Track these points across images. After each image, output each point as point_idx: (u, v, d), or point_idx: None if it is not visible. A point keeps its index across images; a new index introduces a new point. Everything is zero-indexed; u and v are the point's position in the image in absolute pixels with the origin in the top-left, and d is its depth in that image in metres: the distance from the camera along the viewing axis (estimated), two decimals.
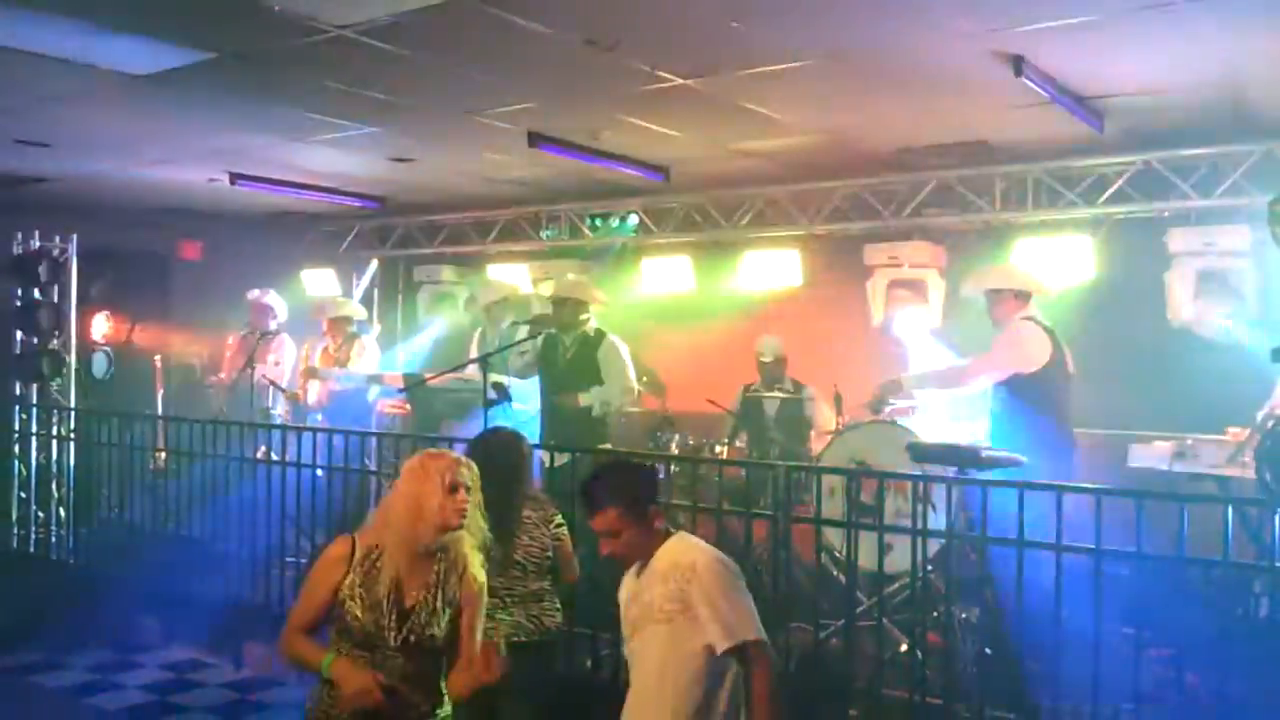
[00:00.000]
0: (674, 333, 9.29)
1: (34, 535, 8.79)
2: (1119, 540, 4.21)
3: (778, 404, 7.78)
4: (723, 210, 9.28)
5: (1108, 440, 6.39)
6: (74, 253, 8.75)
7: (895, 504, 5.31)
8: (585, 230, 10.14)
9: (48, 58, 5.74)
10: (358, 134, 7.42)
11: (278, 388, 8.78)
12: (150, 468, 8.16)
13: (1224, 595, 4.41)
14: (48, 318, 8.66)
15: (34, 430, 8.86)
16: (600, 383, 6.86)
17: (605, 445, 6.69)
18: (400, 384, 8.09)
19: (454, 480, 3.31)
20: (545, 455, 6.45)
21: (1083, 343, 6.29)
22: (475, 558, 3.38)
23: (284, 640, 3.33)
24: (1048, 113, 6.27)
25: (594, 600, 4.74)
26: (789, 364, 7.98)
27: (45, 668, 6.85)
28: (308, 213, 11.06)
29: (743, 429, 7.81)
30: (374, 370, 8.76)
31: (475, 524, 3.37)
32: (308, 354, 9.00)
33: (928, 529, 4.78)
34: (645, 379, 8.15)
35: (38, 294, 8.70)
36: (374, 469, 6.79)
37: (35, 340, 8.69)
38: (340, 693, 3.21)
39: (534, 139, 7.23)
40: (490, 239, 10.67)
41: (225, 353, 9.38)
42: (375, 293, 11.98)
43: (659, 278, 9.53)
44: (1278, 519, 3.88)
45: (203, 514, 7.44)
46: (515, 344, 7.27)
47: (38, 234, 8.75)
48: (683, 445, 7.63)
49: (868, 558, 5.02)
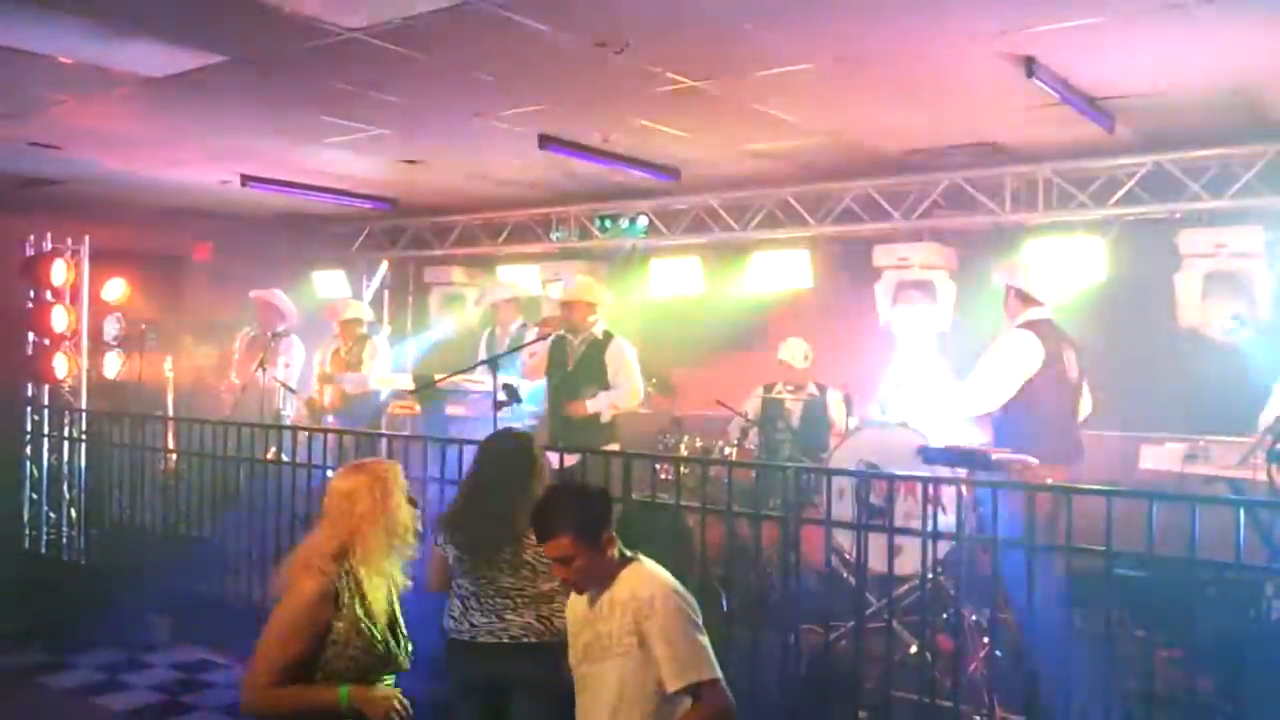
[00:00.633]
0: (683, 334, 9.29)
1: (45, 536, 8.83)
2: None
3: (801, 406, 7.77)
4: (732, 212, 9.27)
5: (1119, 442, 6.37)
6: (86, 254, 8.78)
7: (905, 506, 5.31)
8: (595, 232, 10.15)
9: (61, 61, 5.77)
10: (368, 136, 7.44)
11: (289, 389, 8.81)
12: (161, 469, 8.19)
13: (1235, 597, 4.40)
14: (59, 319, 8.69)
15: (46, 431, 8.89)
16: (606, 385, 6.86)
17: (614, 446, 6.69)
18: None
19: (408, 490, 3.36)
20: (554, 457, 6.45)
21: (1094, 344, 6.26)
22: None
23: (259, 697, 3.08)
24: (1059, 114, 6.25)
25: None
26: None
27: (55, 667, 6.87)
28: (319, 214, 11.09)
29: (761, 430, 7.81)
30: (386, 373, 8.78)
31: None
32: (322, 358, 9.02)
33: (937, 531, 4.77)
34: (654, 380, 8.16)
35: (50, 295, 8.74)
36: None
37: (47, 342, 8.72)
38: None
39: (544, 141, 7.24)
40: (500, 240, 10.68)
41: (234, 354, 9.41)
42: (386, 294, 12.00)
43: (669, 279, 9.53)
44: None
45: (213, 515, 7.46)
46: (523, 345, 7.29)
47: (50, 236, 8.79)
48: (691, 446, 7.62)
49: (878, 560, 5.01)
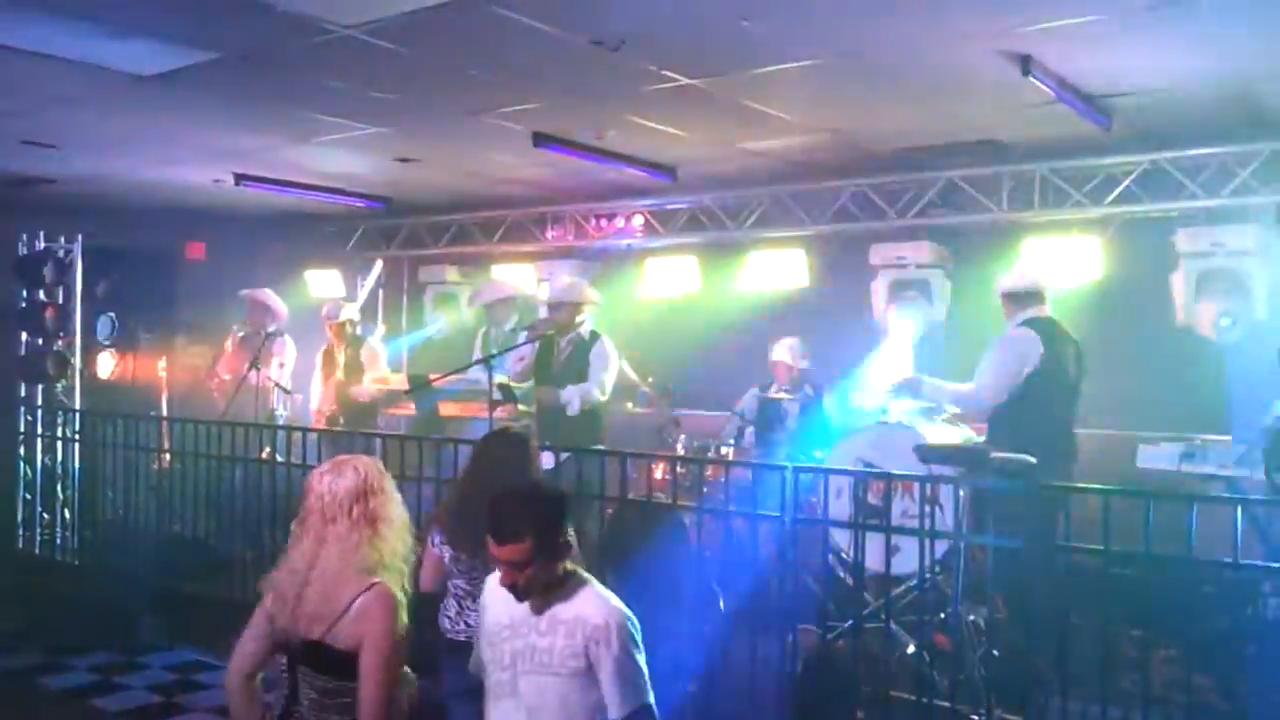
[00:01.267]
0: (680, 333, 9.27)
1: (39, 536, 8.81)
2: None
3: (797, 406, 7.76)
4: (729, 210, 9.25)
5: (1116, 440, 6.36)
6: (79, 253, 8.76)
7: (903, 505, 5.30)
8: (590, 231, 10.13)
9: (55, 59, 5.73)
10: (363, 134, 7.41)
11: (283, 389, 8.78)
12: (155, 469, 8.17)
13: (1233, 596, 4.39)
14: (52, 319, 8.67)
15: (39, 432, 8.87)
16: (582, 382, 6.85)
17: (599, 446, 6.60)
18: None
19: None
20: (549, 457, 6.42)
21: (1090, 343, 6.26)
22: None
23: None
24: (1055, 112, 6.24)
25: None
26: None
27: (50, 668, 6.85)
28: (313, 213, 11.06)
29: (757, 430, 7.79)
30: (383, 371, 8.74)
31: None
32: (327, 361, 8.92)
33: (935, 530, 4.76)
34: (651, 380, 8.14)
35: (43, 295, 8.71)
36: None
37: (40, 341, 8.70)
38: None
39: (539, 139, 7.22)
40: (495, 239, 10.66)
41: (224, 352, 9.36)
42: (380, 293, 11.97)
43: (665, 278, 9.52)
44: None
45: (207, 515, 7.44)
46: (514, 347, 7.26)
47: (43, 235, 8.76)
48: (688, 446, 7.61)
49: (875, 559, 5.00)
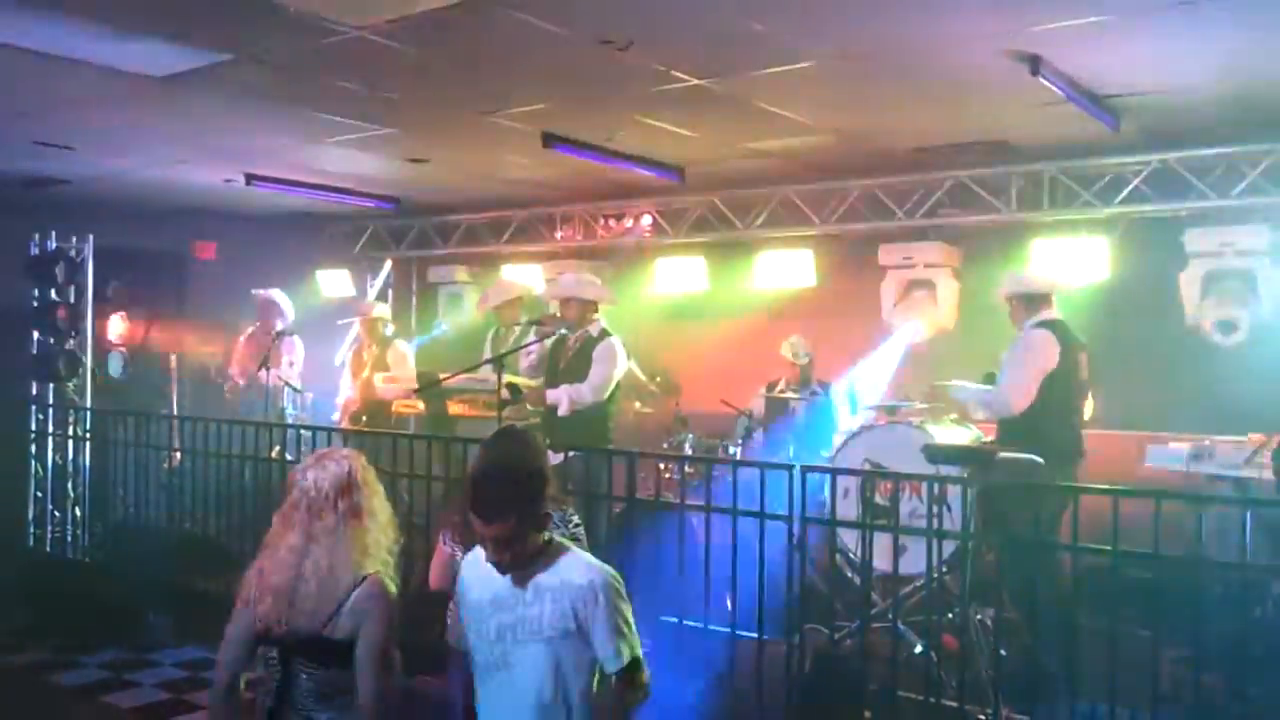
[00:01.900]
0: (688, 333, 9.30)
1: (50, 534, 8.84)
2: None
3: (804, 405, 7.77)
4: (737, 210, 9.26)
5: (1124, 441, 6.36)
6: (90, 253, 8.79)
7: (910, 505, 5.30)
8: (599, 231, 10.14)
9: (68, 60, 5.77)
10: (373, 135, 7.44)
11: (293, 388, 8.82)
12: (165, 467, 8.21)
13: (1242, 596, 4.39)
14: (64, 318, 8.71)
15: (50, 430, 8.91)
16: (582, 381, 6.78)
17: (606, 446, 6.57)
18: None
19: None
20: (557, 456, 6.41)
21: (1099, 343, 6.26)
22: None
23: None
24: (1064, 112, 6.24)
25: None
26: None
27: (60, 666, 6.88)
28: (323, 213, 11.10)
29: (765, 429, 7.80)
30: (406, 371, 8.73)
31: None
32: (356, 359, 8.94)
33: (943, 530, 4.76)
34: (659, 379, 8.15)
35: (54, 294, 8.75)
36: (388, 469, 6.79)
37: (52, 341, 8.74)
38: None
39: (548, 140, 7.23)
40: (505, 239, 10.68)
41: (235, 352, 9.40)
42: (390, 293, 12.01)
43: (673, 278, 9.53)
44: None
45: (218, 513, 7.47)
46: (523, 346, 7.24)
47: (54, 235, 8.80)
48: (696, 445, 7.62)
49: (883, 559, 5.00)
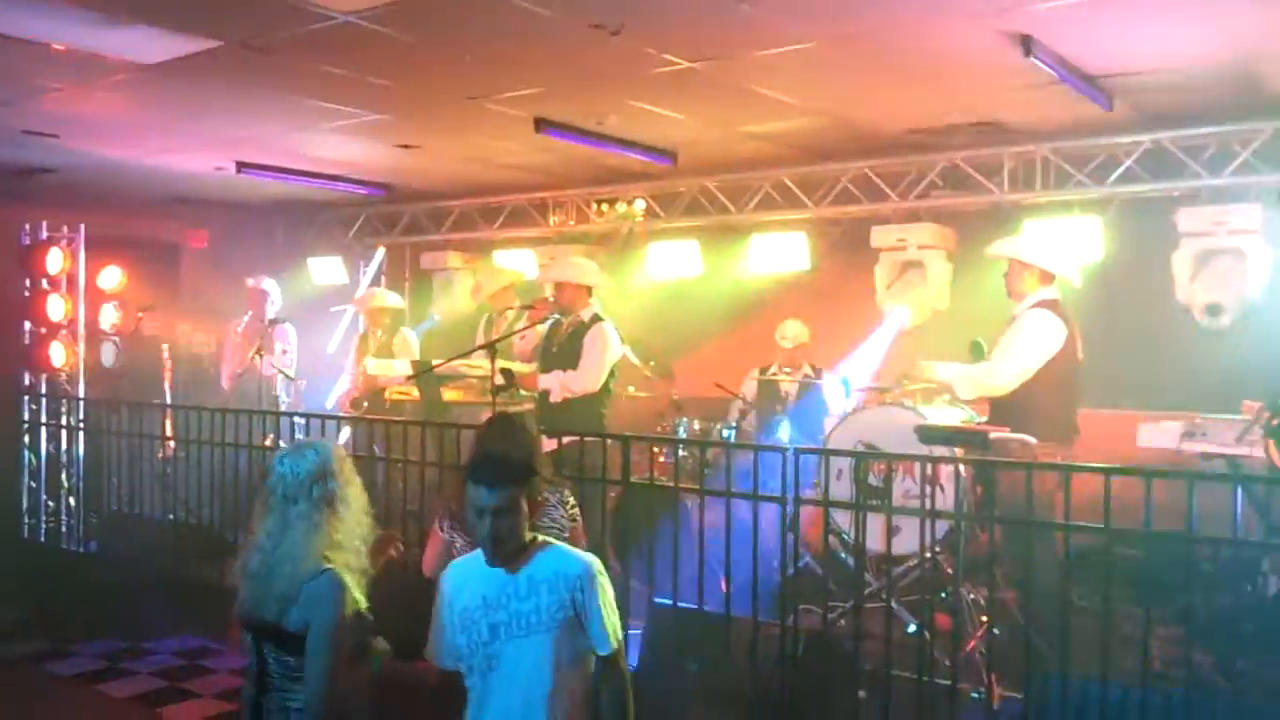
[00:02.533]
0: (682, 317, 9.29)
1: (44, 524, 8.85)
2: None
3: (796, 388, 7.78)
4: (730, 194, 9.24)
5: (1116, 420, 6.37)
6: (82, 242, 8.77)
7: (904, 486, 5.31)
8: (592, 216, 10.12)
9: (55, 48, 5.75)
10: (363, 121, 7.42)
11: (287, 376, 8.82)
12: (159, 456, 8.20)
13: (1233, 573, 4.41)
14: (56, 308, 8.69)
15: (43, 420, 8.90)
16: (576, 368, 6.77)
17: (599, 432, 6.55)
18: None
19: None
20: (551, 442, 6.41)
21: (1092, 323, 6.24)
22: None
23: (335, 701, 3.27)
24: (1057, 92, 6.23)
25: None
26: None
27: (56, 655, 6.89)
28: (315, 200, 11.07)
29: (757, 412, 7.81)
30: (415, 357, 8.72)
31: None
32: (360, 347, 8.95)
33: (936, 510, 4.78)
34: (653, 363, 8.16)
35: (46, 284, 8.73)
36: (382, 455, 6.80)
37: (44, 330, 8.72)
38: None
39: (540, 124, 7.22)
40: (497, 225, 10.65)
41: (230, 343, 9.39)
42: (382, 280, 11.99)
43: (667, 262, 9.52)
44: None
45: (212, 502, 7.47)
46: (516, 331, 7.22)
47: (46, 224, 8.78)
48: (690, 429, 7.63)
49: (876, 539, 5.02)
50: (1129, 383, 6.91)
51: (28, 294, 8.77)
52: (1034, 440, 5.31)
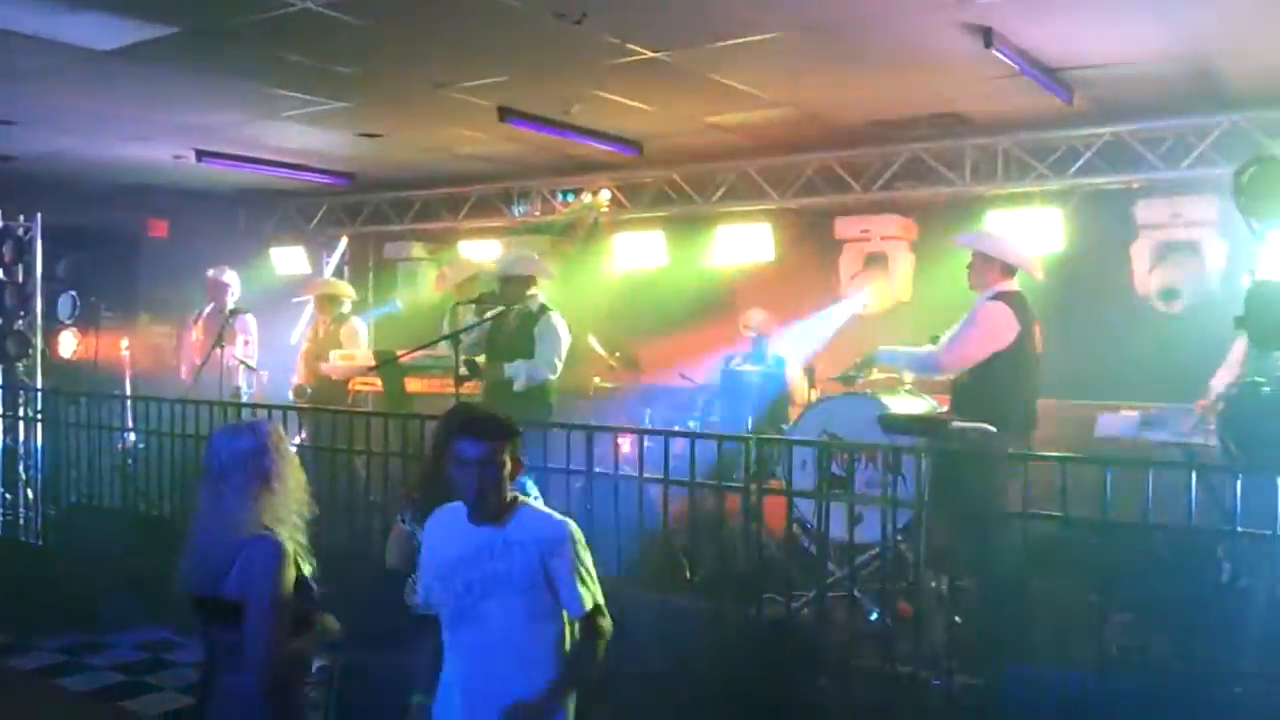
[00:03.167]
0: (647, 307, 9.30)
1: (2, 517, 8.72)
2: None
3: (759, 377, 7.79)
4: (695, 185, 9.26)
5: (1075, 409, 6.44)
6: (39, 231, 8.63)
7: (866, 475, 5.35)
8: (557, 206, 10.10)
9: (11, 33, 5.66)
10: (325, 109, 7.36)
11: (249, 367, 8.73)
12: (119, 448, 8.10)
13: (1188, 560, 4.48)
14: (12, 298, 8.55)
15: (1, 411, 8.77)
16: (530, 358, 6.82)
17: (548, 419, 6.55)
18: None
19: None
20: None
21: (1051, 314, 6.30)
22: None
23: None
24: (1018, 85, 6.28)
25: None
26: None
27: (15, 650, 6.79)
28: (276, 190, 10.97)
29: (722, 401, 7.82)
30: (360, 348, 8.69)
31: None
32: (311, 335, 8.90)
33: (898, 499, 4.81)
34: (618, 354, 8.16)
35: (2, 274, 8.59)
36: (344, 446, 6.75)
37: (0, 321, 8.59)
38: None
39: (504, 114, 7.19)
40: (461, 215, 10.60)
41: (190, 335, 9.28)
42: (345, 270, 11.91)
43: (632, 253, 9.53)
44: (1239, 484, 3.92)
45: (173, 494, 7.39)
46: (468, 328, 7.19)
47: (2, 213, 8.63)
48: (656, 419, 7.63)
49: (839, 528, 5.05)
50: (1088, 373, 6.98)
51: None
52: (993, 430, 5.35)
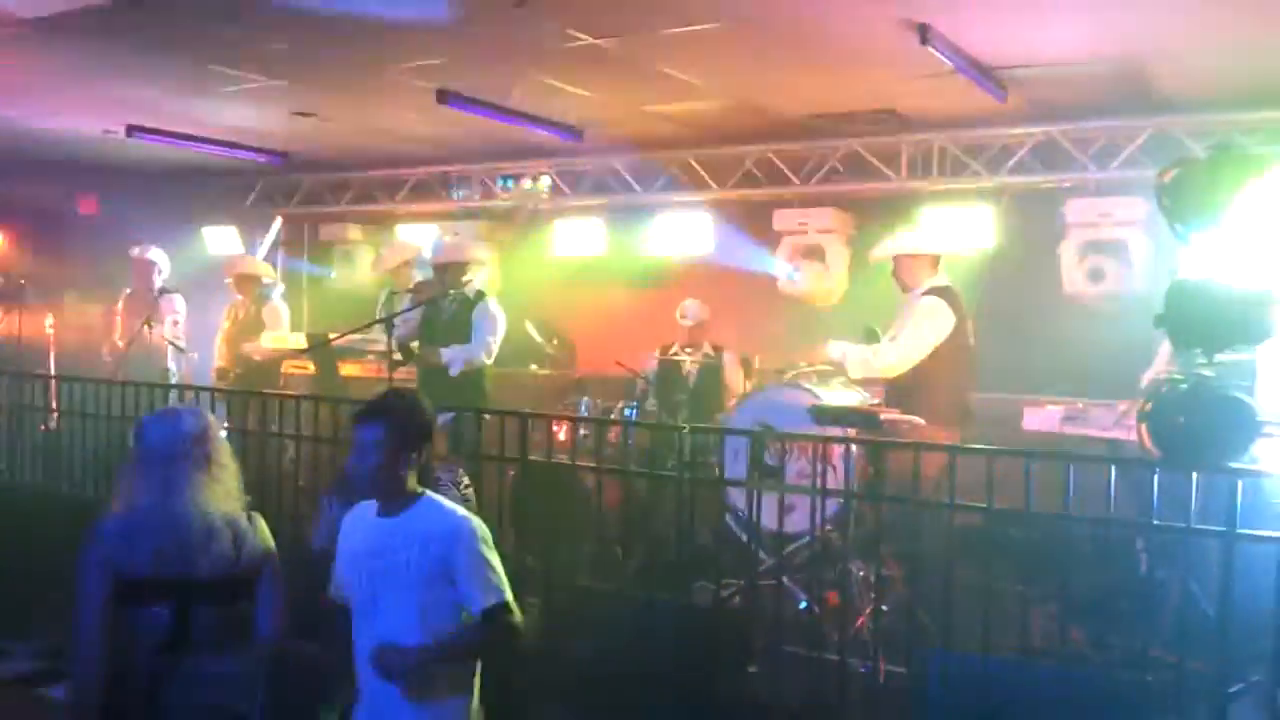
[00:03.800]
0: (585, 295, 9.29)
1: None
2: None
3: (697, 367, 7.82)
4: (635, 173, 9.26)
5: (1003, 404, 6.55)
6: None
7: (798, 465, 5.39)
8: (497, 191, 10.03)
9: None
10: (259, 86, 7.22)
11: (178, 348, 8.57)
12: (42, 429, 7.91)
13: (1108, 552, 4.58)
14: None
15: None
16: (466, 343, 6.80)
17: (484, 405, 6.52)
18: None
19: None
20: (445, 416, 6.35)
21: (981, 309, 6.42)
22: None
23: None
24: (953, 83, 6.36)
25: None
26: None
27: None
28: (209, 167, 10.74)
29: (658, 391, 7.84)
30: (282, 330, 8.58)
31: None
32: (230, 316, 8.77)
33: (827, 489, 4.86)
34: (555, 341, 8.14)
35: None
36: (275, 430, 6.66)
37: None
38: None
39: (443, 96, 7.11)
40: (399, 198, 10.49)
41: (115, 316, 9.08)
42: (280, 251, 11.71)
43: (571, 240, 9.50)
44: (1157, 479, 4.02)
45: (98, 476, 7.23)
46: (400, 314, 7.13)
47: None
48: (591, 408, 7.63)
49: (770, 518, 5.10)
50: (1016, 368, 7.11)
51: None
52: (922, 422, 5.44)
